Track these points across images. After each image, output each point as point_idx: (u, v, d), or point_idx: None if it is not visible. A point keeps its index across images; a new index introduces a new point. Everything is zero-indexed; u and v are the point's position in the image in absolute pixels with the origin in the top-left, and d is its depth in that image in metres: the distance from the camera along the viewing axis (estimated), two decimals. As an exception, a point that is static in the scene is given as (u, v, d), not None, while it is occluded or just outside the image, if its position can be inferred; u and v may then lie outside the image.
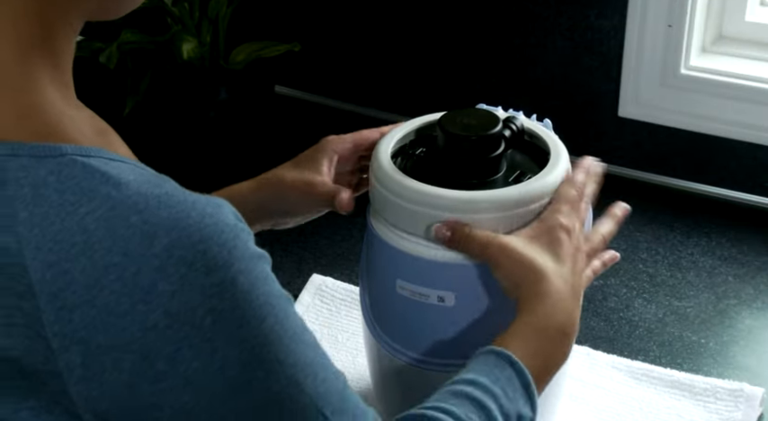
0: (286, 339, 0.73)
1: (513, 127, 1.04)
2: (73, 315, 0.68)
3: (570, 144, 1.09)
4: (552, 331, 0.93)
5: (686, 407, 1.18)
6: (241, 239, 0.71)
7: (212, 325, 0.69)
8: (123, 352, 0.68)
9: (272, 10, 1.70)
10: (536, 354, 0.91)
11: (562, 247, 0.96)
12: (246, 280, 0.71)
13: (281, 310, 0.73)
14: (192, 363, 0.69)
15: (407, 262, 1.00)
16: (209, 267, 0.69)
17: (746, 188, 1.50)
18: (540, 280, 0.94)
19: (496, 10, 1.56)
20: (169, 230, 0.69)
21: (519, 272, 0.94)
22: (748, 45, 1.49)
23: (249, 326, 0.71)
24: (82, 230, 0.68)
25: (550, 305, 0.93)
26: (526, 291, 0.94)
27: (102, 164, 0.71)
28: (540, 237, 0.96)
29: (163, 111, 1.63)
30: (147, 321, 0.68)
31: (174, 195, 0.70)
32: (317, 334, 1.29)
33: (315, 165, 1.08)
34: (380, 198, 1.01)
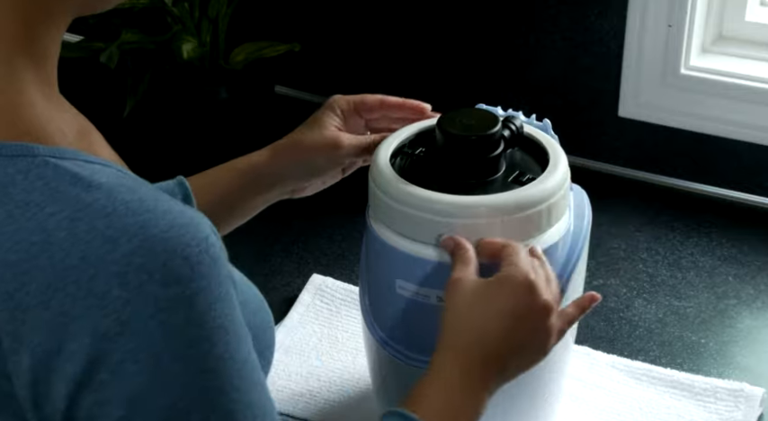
0: (233, 371, 0.70)
1: (513, 127, 1.04)
2: (27, 315, 0.66)
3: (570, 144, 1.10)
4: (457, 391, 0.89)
5: (686, 407, 1.18)
6: (208, 255, 0.69)
7: (161, 339, 0.67)
8: (69, 359, 0.66)
9: (272, 10, 1.70)
10: (443, 415, 0.88)
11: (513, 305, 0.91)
12: (203, 299, 0.68)
13: (235, 339, 0.70)
14: (134, 378, 0.67)
15: (407, 262, 1.00)
16: (168, 280, 0.67)
17: (747, 188, 1.50)
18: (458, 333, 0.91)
19: (496, 10, 1.56)
20: (132, 237, 0.67)
21: (449, 315, 0.92)
22: (748, 45, 1.49)
23: (198, 348, 0.68)
24: (42, 231, 0.67)
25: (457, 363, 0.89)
26: (445, 338, 0.91)
27: (75, 166, 0.70)
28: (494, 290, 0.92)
29: (163, 111, 1.63)
30: (97, 328, 0.66)
31: (145, 202, 0.69)
32: (316, 334, 1.30)
33: (329, 122, 1.10)
34: (379, 202, 1.01)
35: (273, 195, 1.13)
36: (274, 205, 1.15)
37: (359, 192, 1.09)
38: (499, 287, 0.92)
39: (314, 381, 1.23)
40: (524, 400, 1.07)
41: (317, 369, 1.25)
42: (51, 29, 0.75)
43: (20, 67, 0.73)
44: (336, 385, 1.23)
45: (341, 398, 1.22)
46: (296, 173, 1.11)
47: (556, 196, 1.00)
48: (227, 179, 1.12)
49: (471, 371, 0.89)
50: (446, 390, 0.89)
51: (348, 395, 1.22)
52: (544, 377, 1.06)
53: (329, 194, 1.19)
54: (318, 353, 1.27)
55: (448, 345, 0.91)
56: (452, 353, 0.90)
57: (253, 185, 1.12)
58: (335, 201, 1.42)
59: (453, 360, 0.90)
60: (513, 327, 0.91)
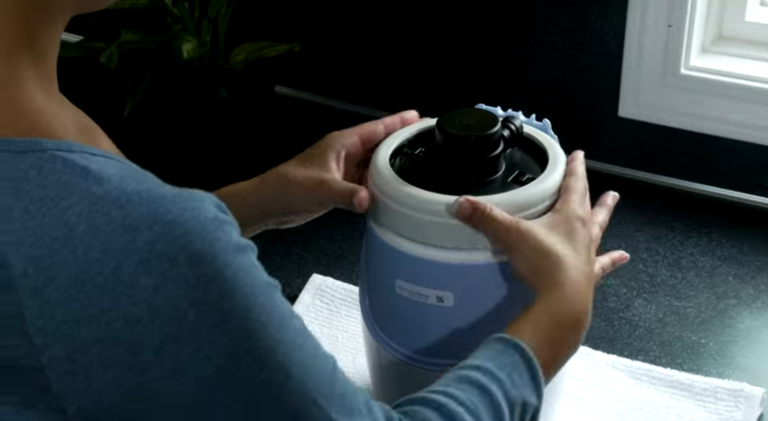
0: (272, 328, 0.73)
1: (512, 127, 1.04)
2: (56, 310, 0.68)
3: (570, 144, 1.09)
4: (566, 320, 0.93)
5: (686, 407, 1.18)
6: (224, 231, 0.71)
7: (196, 317, 0.69)
8: (108, 346, 0.68)
9: (272, 10, 1.70)
10: (547, 343, 0.92)
11: (578, 237, 0.97)
12: (230, 272, 0.71)
13: (267, 299, 0.73)
14: (179, 354, 0.69)
15: (406, 262, 1.00)
16: (192, 261, 0.69)
17: (747, 188, 1.50)
18: (557, 269, 0.94)
19: (496, 10, 1.56)
20: (150, 225, 0.69)
21: (538, 259, 0.95)
22: (748, 45, 1.49)
23: (234, 318, 0.71)
24: (63, 225, 0.68)
25: (566, 294, 0.94)
26: (543, 278, 0.95)
27: (83, 159, 0.71)
28: (558, 227, 0.97)
29: (163, 111, 1.63)
30: (130, 315, 0.68)
31: (154, 191, 0.70)
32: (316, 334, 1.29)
33: (323, 161, 1.06)
34: (379, 203, 1.01)
35: (258, 227, 1.09)
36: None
37: (359, 192, 1.08)
38: (567, 223, 0.97)
39: (314, 381, 1.23)
40: (524, 400, 1.07)
41: (317, 369, 1.25)
42: (51, 26, 0.75)
43: (20, 64, 0.73)
44: (336, 385, 1.23)
45: (341, 398, 1.21)
46: (277, 206, 1.08)
47: (555, 196, 1.00)
48: None
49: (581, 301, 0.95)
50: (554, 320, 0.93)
51: (348, 395, 1.22)
52: (544, 377, 1.07)
53: (329, 194, 1.19)
54: (318, 353, 1.27)
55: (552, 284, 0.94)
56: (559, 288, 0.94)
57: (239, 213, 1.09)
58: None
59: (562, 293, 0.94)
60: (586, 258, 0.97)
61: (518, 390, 0.87)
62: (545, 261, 0.95)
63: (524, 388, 0.88)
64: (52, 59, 0.77)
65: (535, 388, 0.89)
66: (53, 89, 0.76)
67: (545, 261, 0.95)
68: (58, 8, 0.76)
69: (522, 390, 0.88)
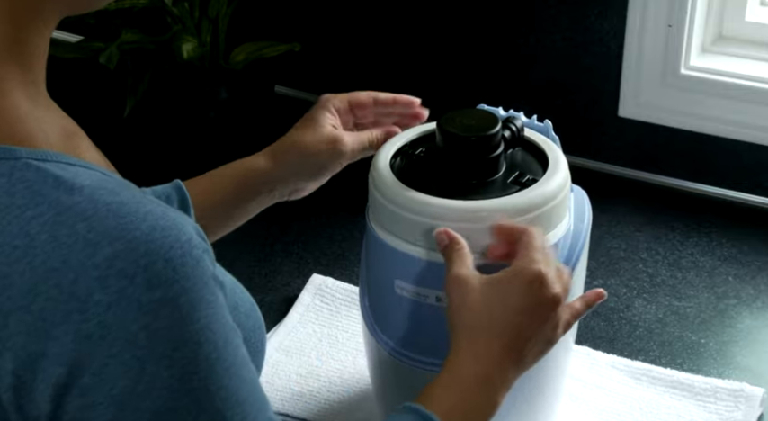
0: (221, 370, 0.70)
1: (513, 127, 1.04)
2: (8, 319, 0.66)
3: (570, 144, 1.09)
4: (473, 386, 0.89)
5: (686, 407, 1.18)
6: (192, 257, 0.68)
7: (146, 342, 0.66)
8: (53, 362, 0.66)
9: (272, 10, 1.71)
10: (458, 410, 0.87)
11: (520, 298, 0.90)
12: (187, 300, 0.68)
13: (222, 339, 0.70)
14: (119, 382, 0.67)
15: (406, 262, 1.00)
16: (151, 283, 0.66)
17: (747, 188, 1.50)
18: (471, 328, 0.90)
19: (497, 10, 1.56)
20: (113, 240, 0.67)
21: (458, 312, 0.91)
22: (748, 45, 1.49)
23: (183, 350, 0.68)
24: (24, 234, 0.67)
25: (473, 358, 0.89)
26: (456, 336, 0.91)
27: (58, 168, 0.69)
28: (502, 284, 0.91)
29: (163, 111, 1.63)
30: (80, 331, 0.66)
31: (127, 205, 0.68)
32: (316, 334, 1.30)
33: (326, 122, 1.10)
34: (379, 205, 1.01)
35: (272, 198, 1.12)
36: (274, 206, 1.15)
37: (359, 192, 1.09)
38: (511, 282, 0.91)
39: (314, 381, 1.23)
40: (524, 400, 1.07)
41: (317, 369, 1.25)
42: (40, 29, 0.74)
43: (6, 68, 0.72)
44: (336, 385, 1.23)
45: (341, 398, 1.22)
46: (297, 175, 1.11)
47: (556, 200, 1.00)
48: (225, 184, 1.12)
49: (487, 367, 0.89)
50: (462, 388, 0.88)
51: (348, 395, 1.22)
52: (544, 377, 1.06)
53: (329, 194, 1.19)
54: (318, 353, 1.27)
55: (462, 344, 0.90)
56: (467, 351, 0.89)
57: (252, 190, 1.11)
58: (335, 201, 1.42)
59: (469, 358, 0.89)
60: (526, 322, 0.90)
61: None
62: (464, 317, 0.90)
63: None
64: (40, 64, 0.75)
65: None
66: (40, 94, 0.75)
67: (464, 317, 0.90)
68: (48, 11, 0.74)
69: None
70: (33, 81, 0.75)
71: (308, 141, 1.10)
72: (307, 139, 1.10)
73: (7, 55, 0.73)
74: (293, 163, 1.10)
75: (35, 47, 0.75)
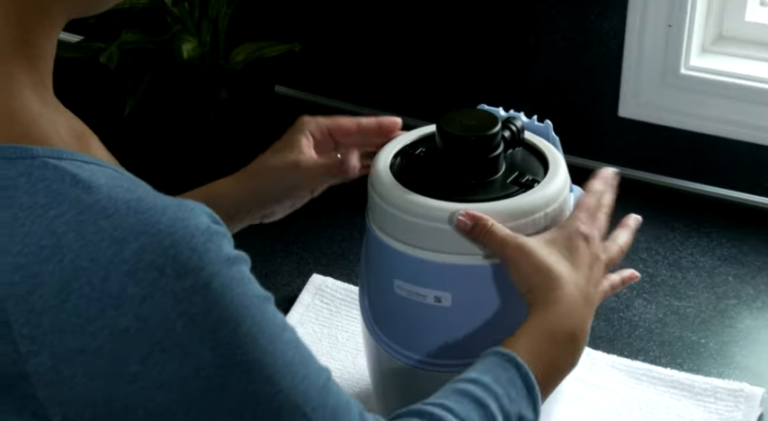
0: (263, 340, 0.72)
1: (513, 128, 1.04)
2: (42, 319, 0.67)
3: (570, 144, 1.09)
4: (561, 336, 0.92)
5: (686, 407, 1.18)
6: (214, 242, 0.70)
7: (184, 329, 0.68)
8: (94, 356, 0.67)
9: (272, 10, 1.70)
10: (543, 358, 0.91)
11: (579, 255, 0.96)
12: (219, 283, 0.70)
13: (258, 311, 0.72)
14: (166, 366, 0.68)
15: (405, 262, 1.00)
16: (180, 272, 0.68)
17: (746, 188, 1.50)
18: (553, 286, 0.94)
19: (497, 10, 1.56)
20: (138, 235, 0.68)
21: (534, 275, 0.94)
22: (748, 45, 1.49)
23: (223, 330, 0.70)
24: (51, 233, 0.68)
25: (562, 311, 0.93)
26: (539, 295, 0.94)
27: (74, 166, 0.70)
28: (559, 243, 0.96)
29: (163, 111, 1.63)
30: (117, 326, 0.67)
31: (144, 200, 0.70)
32: (316, 334, 1.30)
33: (295, 146, 1.09)
34: (378, 207, 1.01)
35: (240, 223, 1.11)
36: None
37: (359, 192, 1.09)
38: (566, 239, 0.96)
39: (314, 381, 1.23)
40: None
41: (317, 369, 1.25)
42: (47, 30, 0.75)
43: (15, 70, 0.73)
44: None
45: (341, 398, 1.21)
46: (259, 199, 1.10)
47: (555, 203, 1.00)
48: None
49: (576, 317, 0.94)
50: (550, 336, 0.92)
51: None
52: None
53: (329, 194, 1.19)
54: (318, 354, 1.27)
55: (547, 300, 0.93)
56: (555, 305, 0.93)
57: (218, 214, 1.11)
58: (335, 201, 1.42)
59: (558, 310, 0.93)
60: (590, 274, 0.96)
61: (514, 404, 0.87)
62: (541, 278, 0.94)
63: (520, 402, 0.88)
64: (48, 65, 0.76)
65: (531, 402, 0.89)
66: (48, 95, 0.76)
67: (541, 278, 0.94)
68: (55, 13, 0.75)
69: (518, 404, 0.87)
70: (42, 82, 0.75)
71: (268, 164, 1.09)
72: (268, 162, 1.09)
73: (16, 56, 0.73)
74: (255, 186, 1.09)
75: (42, 48, 0.75)
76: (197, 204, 0.72)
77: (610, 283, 1.01)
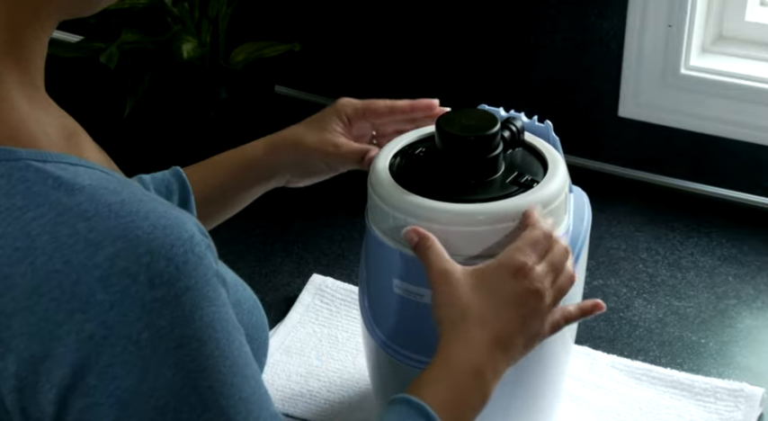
0: (224, 368, 0.70)
1: (513, 128, 1.04)
2: (12, 321, 0.66)
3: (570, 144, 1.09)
4: (463, 376, 0.89)
5: (686, 407, 1.18)
6: (194, 254, 0.68)
7: (149, 341, 0.67)
8: (58, 363, 0.66)
9: (272, 10, 1.71)
10: (449, 401, 0.87)
11: (504, 290, 0.91)
12: (190, 298, 0.68)
13: (224, 337, 0.70)
14: (123, 381, 0.67)
15: (403, 261, 1.00)
16: (153, 281, 0.67)
17: (746, 188, 1.50)
18: (459, 321, 0.90)
19: (497, 10, 1.56)
20: (114, 240, 0.67)
21: (446, 307, 0.91)
22: (748, 45, 1.49)
23: (187, 348, 0.68)
24: (25, 235, 0.67)
25: (462, 349, 0.89)
26: (446, 328, 0.91)
27: (59, 169, 0.69)
28: (487, 275, 0.91)
29: (163, 111, 1.63)
30: (83, 331, 0.66)
31: (128, 204, 0.68)
32: (316, 334, 1.30)
33: (332, 126, 1.11)
34: (377, 208, 1.01)
35: (269, 186, 1.14)
36: (274, 205, 1.15)
37: (359, 192, 1.09)
38: (495, 273, 0.91)
39: (314, 381, 1.23)
40: (524, 400, 1.07)
41: (317, 369, 1.25)
42: (37, 32, 0.75)
43: (3, 71, 0.73)
44: (336, 385, 1.23)
45: (341, 398, 1.22)
46: (291, 169, 1.12)
47: (554, 203, 1.00)
48: (223, 171, 1.13)
49: (479, 357, 0.89)
50: (454, 379, 0.88)
51: (348, 395, 1.22)
52: (544, 377, 1.06)
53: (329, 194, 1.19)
54: (318, 353, 1.27)
55: (451, 336, 0.90)
56: (457, 343, 0.89)
57: (249, 177, 1.13)
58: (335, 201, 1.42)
59: (460, 349, 0.89)
60: (512, 312, 0.90)
61: None
62: (452, 311, 0.90)
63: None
64: (38, 66, 0.76)
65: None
66: (38, 95, 0.75)
67: (452, 311, 0.90)
68: (46, 14, 0.75)
69: None
70: (32, 83, 0.75)
71: (305, 140, 1.11)
72: (305, 138, 1.11)
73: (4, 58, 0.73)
74: (286, 157, 1.11)
75: (32, 50, 0.75)
76: (187, 215, 0.71)
77: (562, 314, 0.94)
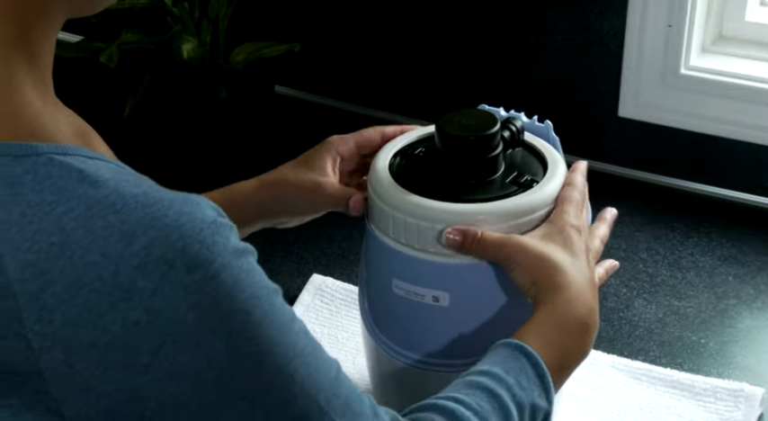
0: (273, 331, 0.73)
1: (513, 128, 1.04)
2: (54, 315, 0.68)
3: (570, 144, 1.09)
4: (572, 323, 0.93)
5: (686, 407, 1.18)
6: (221, 235, 0.71)
7: (195, 320, 0.69)
8: (106, 350, 0.68)
9: (272, 10, 1.71)
10: (554, 346, 0.91)
11: (575, 244, 0.97)
12: (229, 275, 0.70)
13: (267, 302, 0.73)
14: (177, 357, 0.69)
15: (403, 261, 1.00)
16: (190, 265, 0.69)
17: (746, 188, 1.50)
18: (557, 273, 0.94)
19: (497, 10, 1.56)
20: (147, 229, 0.68)
21: (536, 267, 0.95)
22: (748, 45, 1.49)
23: (234, 321, 0.71)
24: (60, 230, 0.68)
25: (570, 297, 0.93)
26: (544, 285, 0.94)
27: (79, 162, 0.71)
28: (553, 236, 0.97)
29: (163, 111, 1.63)
30: (127, 319, 0.68)
31: (151, 194, 0.70)
32: (316, 334, 1.30)
33: (320, 165, 1.09)
34: (377, 207, 1.01)
35: (255, 226, 1.12)
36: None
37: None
38: (560, 233, 0.97)
39: (314, 381, 1.23)
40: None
41: (317, 369, 1.25)
42: (46, 29, 0.75)
43: (16, 67, 0.73)
44: (336, 385, 1.23)
45: (341, 398, 1.21)
46: (276, 209, 1.10)
47: (554, 203, 1.00)
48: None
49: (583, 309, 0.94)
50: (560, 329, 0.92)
51: (348, 395, 1.22)
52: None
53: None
54: (318, 354, 1.27)
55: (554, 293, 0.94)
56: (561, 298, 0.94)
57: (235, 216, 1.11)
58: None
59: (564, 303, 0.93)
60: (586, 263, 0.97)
61: (526, 393, 0.87)
62: (544, 268, 0.95)
63: (533, 391, 0.88)
64: (47, 62, 0.76)
65: (544, 390, 0.89)
66: (49, 92, 0.76)
67: (544, 268, 0.95)
68: (54, 11, 0.76)
69: (530, 394, 0.88)
70: (42, 80, 0.76)
71: (289, 180, 1.09)
72: (289, 178, 1.09)
73: (16, 54, 0.74)
74: (273, 195, 1.09)
75: (41, 47, 0.76)
76: (201, 198, 0.73)
77: (597, 275, 1.01)
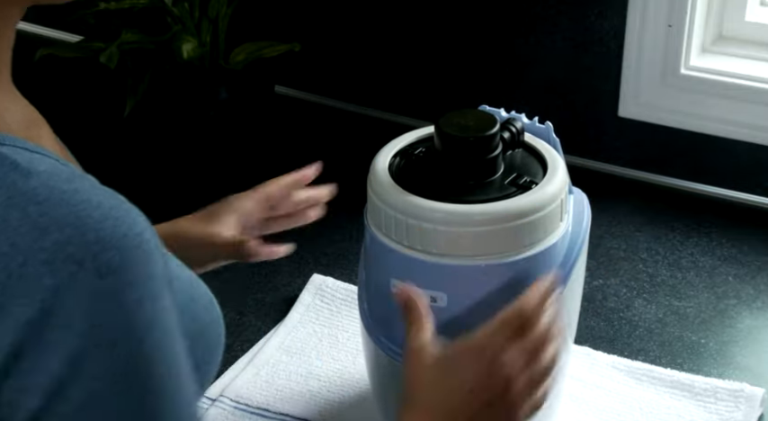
0: (162, 368, 0.69)
1: (513, 129, 1.04)
2: None
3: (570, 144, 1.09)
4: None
5: (686, 407, 1.18)
6: (143, 250, 0.68)
7: (87, 331, 0.66)
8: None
9: (272, 10, 1.71)
10: None
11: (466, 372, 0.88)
12: (134, 293, 0.67)
13: (164, 337, 0.69)
14: (54, 367, 0.66)
15: (401, 261, 1.00)
16: (102, 269, 0.66)
17: (746, 188, 1.50)
18: (410, 404, 0.89)
19: (497, 10, 1.56)
20: (63, 226, 0.66)
21: (406, 384, 0.91)
22: (748, 45, 1.49)
23: (124, 344, 0.67)
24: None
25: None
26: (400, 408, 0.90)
27: (14, 152, 0.69)
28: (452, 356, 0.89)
29: (163, 111, 1.63)
30: (23, 314, 0.65)
31: (81, 193, 0.68)
32: (317, 334, 1.30)
33: (217, 218, 1.12)
34: (376, 207, 1.01)
35: None
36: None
37: (359, 192, 1.08)
38: (461, 357, 0.89)
39: (314, 381, 1.23)
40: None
41: (317, 369, 1.25)
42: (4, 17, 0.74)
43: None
44: (336, 385, 1.23)
45: (341, 398, 1.22)
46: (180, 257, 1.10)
47: (553, 205, 1.00)
48: None
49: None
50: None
51: (348, 395, 1.22)
52: (544, 377, 1.06)
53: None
54: (318, 353, 1.27)
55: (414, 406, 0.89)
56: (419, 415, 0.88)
57: None
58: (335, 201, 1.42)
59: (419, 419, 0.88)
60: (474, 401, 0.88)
61: None
62: (407, 393, 0.89)
63: None
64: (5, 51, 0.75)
65: None
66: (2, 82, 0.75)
67: (407, 393, 0.89)
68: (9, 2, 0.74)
69: None
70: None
71: (185, 232, 1.11)
72: (188, 231, 1.11)
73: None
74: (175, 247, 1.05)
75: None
76: (136, 210, 0.70)
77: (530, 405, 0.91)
